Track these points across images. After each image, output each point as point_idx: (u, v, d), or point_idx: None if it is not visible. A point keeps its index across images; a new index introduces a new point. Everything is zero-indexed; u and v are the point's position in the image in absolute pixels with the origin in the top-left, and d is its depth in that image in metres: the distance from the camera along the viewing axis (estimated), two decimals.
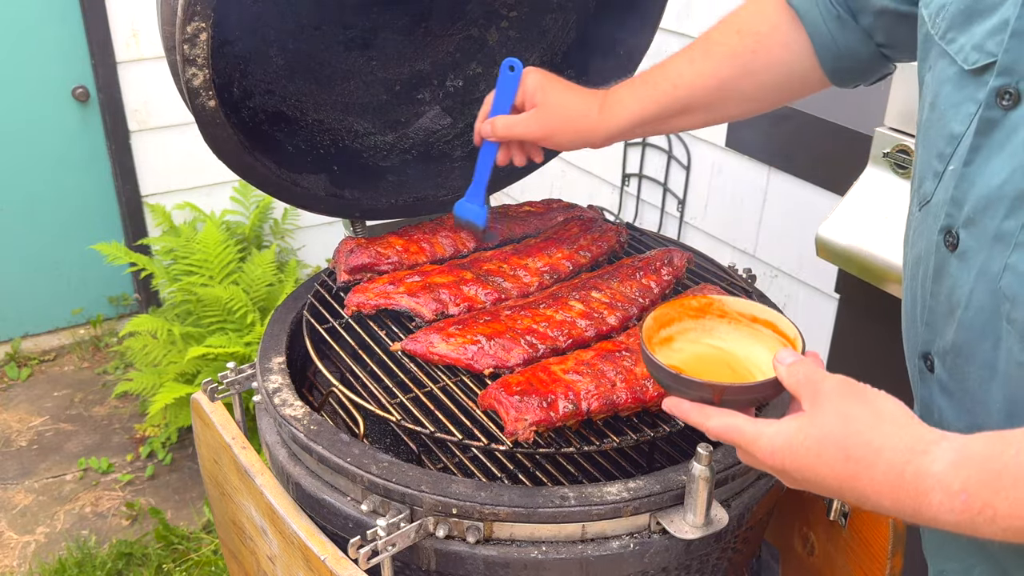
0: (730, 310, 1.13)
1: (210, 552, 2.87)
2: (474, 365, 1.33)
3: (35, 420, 3.55)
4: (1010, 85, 0.83)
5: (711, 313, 1.13)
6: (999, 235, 0.84)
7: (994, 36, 0.85)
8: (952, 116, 0.91)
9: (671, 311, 1.12)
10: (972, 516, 0.75)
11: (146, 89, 3.62)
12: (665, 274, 1.56)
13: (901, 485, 0.79)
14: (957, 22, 0.91)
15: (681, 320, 1.13)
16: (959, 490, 0.76)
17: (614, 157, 3.21)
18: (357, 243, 1.60)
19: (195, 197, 3.80)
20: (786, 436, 0.87)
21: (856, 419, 0.84)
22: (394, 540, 1.12)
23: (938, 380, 0.97)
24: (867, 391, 0.87)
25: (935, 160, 0.94)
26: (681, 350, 1.10)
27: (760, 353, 1.08)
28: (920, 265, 0.99)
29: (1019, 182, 0.82)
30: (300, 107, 1.67)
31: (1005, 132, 0.84)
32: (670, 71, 1.35)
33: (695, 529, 1.14)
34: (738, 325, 1.12)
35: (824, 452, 0.84)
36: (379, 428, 1.54)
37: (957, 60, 0.90)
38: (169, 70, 1.40)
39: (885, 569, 1.36)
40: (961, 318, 0.90)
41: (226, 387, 1.45)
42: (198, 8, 1.21)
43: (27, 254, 3.76)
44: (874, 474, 0.81)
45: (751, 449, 0.91)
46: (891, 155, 1.66)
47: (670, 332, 1.12)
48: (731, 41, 1.31)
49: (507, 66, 1.44)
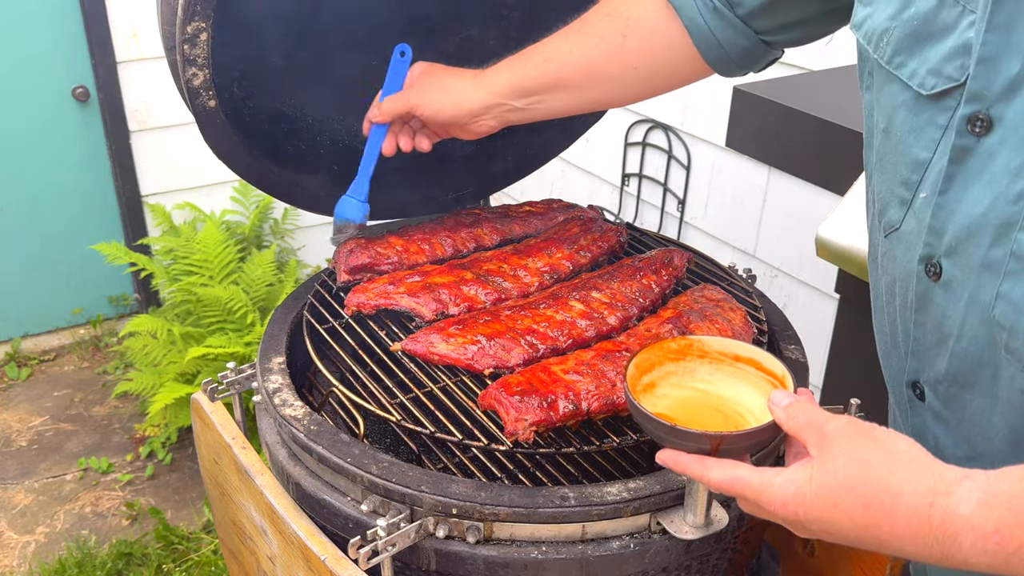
0: (710, 350, 1.08)
1: (210, 552, 2.87)
2: (474, 365, 1.32)
3: (35, 420, 3.55)
4: (980, 112, 0.81)
5: (691, 354, 1.08)
6: (987, 264, 0.82)
7: (952, 60, 0.83)
8: (913, 142, 0.89)
9: (651, 356, 1.07)
10: (1006, 557, 0.73)
11: (146, 89, 3.62)
12: (665, 274, 1.56)
13: (928, 530, 0.76)
14: (904, 46, 0.88)
15: (662, 364, 1.08)
16: (992, 531, 0.73)
17: (614, 157, 3.21)
18: (357, 243, 1.60)
19: (195, 197, 3.80)
20: (797, 485, 0.83)
21: (870, 463, 0.80)
22: (394, 540, 1.12)
23: (931, 408, 0.96)
24: (876, 431, 0.83)
25: (899, 187, 0.92)
26: (666, 395, 1.05)
27: (747, 393, 1.04)
28: (896, 293, 0.97)
29: (1003, 210, 0.80)
30: (300, 107, 1.67)
31: (981, 159, 0.82)
32: (545, 47, 1.35)
33: (695, 529, 1.13)
34: (720, 365, 1.07)
35: (840, 501, 0.80)
36: (379, 428, 1.54)
37: (911, 85, 0.88)
38: (169, 70, 1.40)
39: (885, 569, 1.36)
40: (954, 348, 0.89)
41: (226, 387, 1.45)
42: (198, 8, 1.21)
43: (27, 254, 3.76)
44: (895, 521, 0.78)
45: (760, 501, 0.86)
46: None
47: (652, 378, 1.07)
48: (602, 23, 1.30)
49: (398, 51, 1.48)
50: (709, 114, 2.88)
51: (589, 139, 3.26)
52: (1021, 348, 0.80)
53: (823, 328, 2.45)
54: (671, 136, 2.99)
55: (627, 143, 3.17)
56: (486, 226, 1.72)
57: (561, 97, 1.36)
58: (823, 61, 2.47)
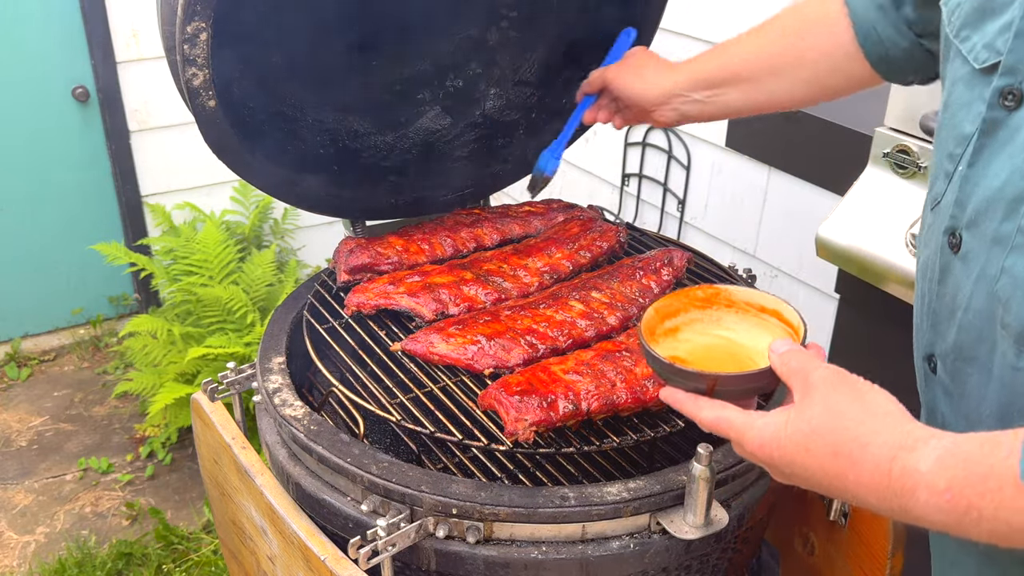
0: (737, 300, 1.12)
1: (210, 552, 2.87)
2: (474, 365, 1.32)
3: (35, 420, 3.55)
4: (1013, 86, 0.82)
5: (718, 303, 1.13)
6: (997, 238, 0.84)
7: (1002, 34, 0.85)
8: (963, 116, 0.91)
9: (675, 302, 1.12)
10: (958, 517, 0.74)
11: (146, 89, 3.62)
12: (665, 274, 1.56)
13: (887, 483, 0.78)
14: (971, 20, 0.90)
15: (687, 311, 1.12)
16: (944, 489, 0.74)
17: (614, 157, 3.21)
18: (357, 243, 1.60)
19: (195, 197, 3.80)
20: (774, 428, 0.86)
21: (844, 414, 0.83)
22: (394, 540, 1.12)
23: (940, 382, 0.97)
24: (858, 384, 0.86)
25: (946, 161, 0.94)
26: (688, 340, 1.10)
27: (767, 343, 1.08)
28: (928, 266, 0.99)
29: (1017, 184, 0.81)
30: (300, 107, 1.67)
31: (1007, 133, 0.83)
32: (727, 43, 1.42)
33: (695, 529, 1.13)
34: (745, 315, 1.11)
35: (812, 446, 0.83)
36: (379, 428, 1.54)
37: (969, 59, 0.90)
38: (169, 70, 1.40)
39: (885, 569, 1.36)
40: (961, 321, 0.90)
41: (226, 387, 1.45)
42: (198, 8, 1.21)
43: (27, 254, 3.76)
44: (860, 471, 0.80)
45: (741, 441, 0.90)
46: (891, 155, 1.66)
47: (676, 323, 1.11)
48: (783, 21, 1.36)
49: (625, 33, 1.63)
50: None
51: (589, 139, 3.25)
52: (1013, 323, 0.82)
53: (823, 328, 2.45)
54: (671, 136, 2.99)
55: (627, 143, 3.17)
56: (486, 226, 1.72)
57: (737, 92, 1.39)
58: None
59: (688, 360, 1.01)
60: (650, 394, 1.26)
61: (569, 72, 1.81)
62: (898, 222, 1.61)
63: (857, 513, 1.40)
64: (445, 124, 1.82)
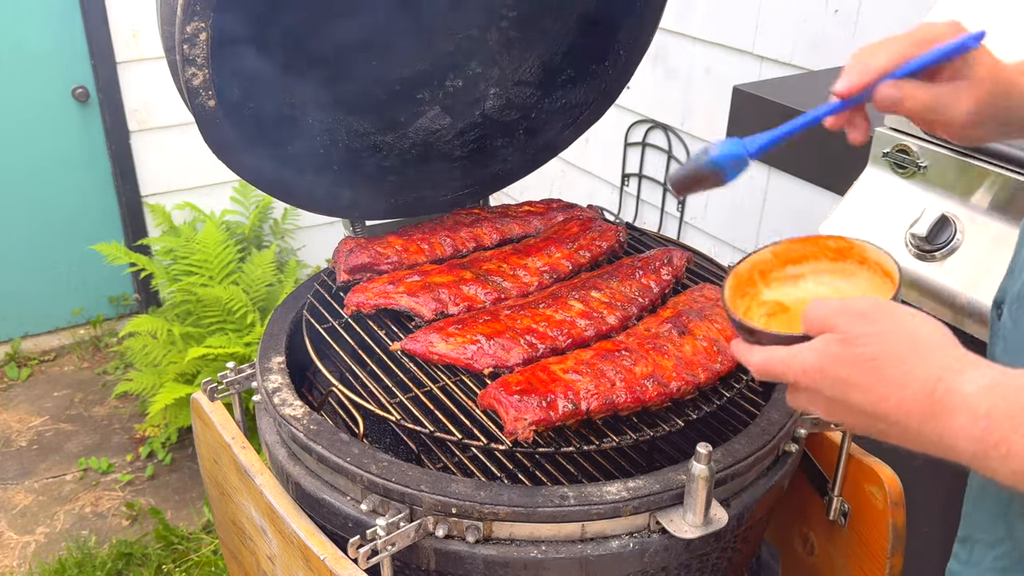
0: (870, 258, 1.05)
1: (210, 552, 2.87)
2: (474, 365, 1.33)
3: (35, 420, 3.55)
4: None
5: (851, 258, 1.06)
6: None
7: None
8: None
9: (804, 248, 1.07)
10: (987, 448, 0.72)
11: (146, 89, 3.62)
12: (665, 274, 1.56)
13: (929, 404, 0.76)
14: None
15: (818, 260, 1.07)
16: (983, 415, 0.72)
17: (614, 157, 3.21)
18: (357, 243, 1.60)
19: (195, 197, 3.80)
20: (819, 353, 0.83)
21: (892, 338, 0.80)
22: (394, 539, 1.12)
23: (1003, 328, 0.97)
24: (903, 310, 0.82)
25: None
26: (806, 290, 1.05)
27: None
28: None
29: None
30: (300, 107, 1.67)
31: None
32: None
33: (695, 528, 1.13)
34: (873, 275, 1.04)
35: (855, 370, 0.80)
36: (379, 428, 1.54)
37: None
38: (169, 70, 1.40)
39: (885, 569, 1.36)
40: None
41: (226, 387, 1.45)
42: (198, 8, 1.21)
43: (27, 254, 3.76)
44: (904, 393, 0.77)
45: (787, 372, 0.86)
46: (891, 155, 1.66)
47: (801, 270, 1.07)
48: None
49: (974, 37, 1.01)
50: (709, 114, 2.88)
51: (589, 139, 3.25)
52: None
53: None
54: (671, 136, 2.99)
55: (627, 143, 3.17)
56: (486, 226, 1.72)
57: None
58: (823, 61, 2.47)
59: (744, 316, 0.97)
60: (649, 394, 1.26)
61: (569, 72, 1.81)
62: (898, 222, 1.61)
63: (857, 513, 1.40)
64: (445, 124, 1.82)
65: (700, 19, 2.83)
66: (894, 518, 1.33)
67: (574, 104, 1.81)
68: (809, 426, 1.36)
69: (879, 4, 2.32)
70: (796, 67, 2.54)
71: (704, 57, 2.86)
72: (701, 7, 2.82)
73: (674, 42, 2.94)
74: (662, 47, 2.99)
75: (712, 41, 2.82)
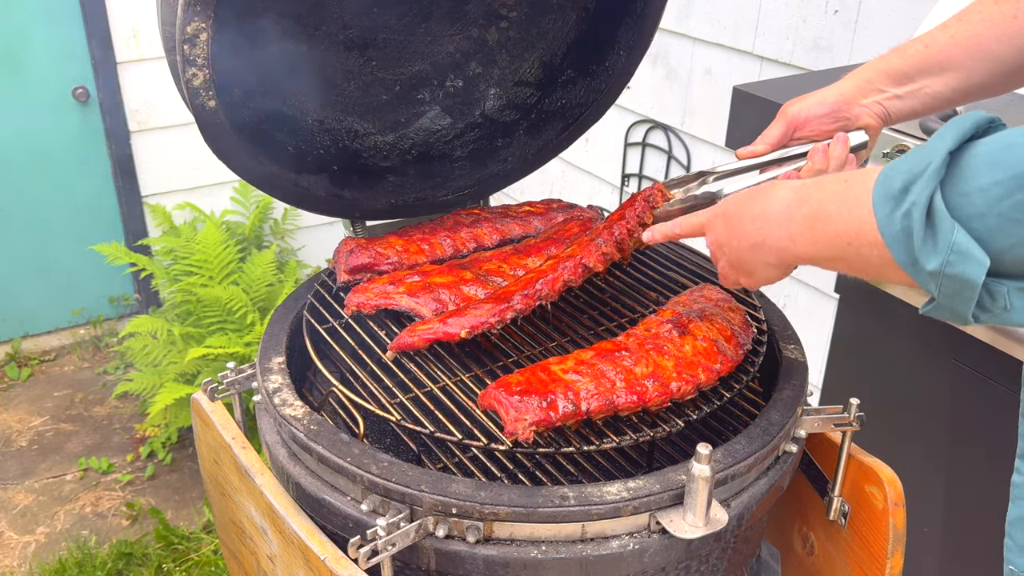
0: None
1: (210, 552, 2.87)
2: (449, 331, 1.37)
3: (35, 420, 3.55)
4: None
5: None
6: None
7: None
8: None
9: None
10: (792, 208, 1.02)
11: (146, 89, 3.63)
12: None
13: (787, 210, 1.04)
14: None
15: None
16: (799, 184, 1.03)
17: (614, 157, 3.22)
18: (357, 243, 1.60)
19: (195, 197, 3.80)
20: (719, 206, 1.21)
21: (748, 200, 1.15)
22: (394, 540, 1.12)
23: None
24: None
25: None
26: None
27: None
28: None
29: None
30: (300, 107, 1.67)
31: None
32: (923, 37, 1.33)
33: (695, 529, 1.14)
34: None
35: (741, 212, 1.13)
36: (379, 428, 1.54)
37: None
38: (169, 70, 1.40)
39: (885, 569, 1.36)
40: None
41: (226, 387, 1.45)
42: (198, 8, 1.21)
43: (27, 254, 3.77)
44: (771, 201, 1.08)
45: (703, 222, 1.24)
46: (891, 155, 1.66)
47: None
48: (988, 8, 1.29)
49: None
50: (709, 114, 2.88)
51: (589, 139, 3.25)
52: None
53: (823, 328, 2.45)
54: (671, 136, 2.99)
55: (627, 143, 3.17)
56: (486, 226, 1.72)
57: (943, 81, 1.32)
58: (823, 61, 2.47)
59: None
60: (650, 394, 1.26)
61: (569, 72, 1.81)
62: None
63: (857, 513, 1.40)
64: (445, 124, 1.83)
65: (700, 19, 2.84)
66: (894, 518, 1.33)
67: (574, 104, 1.81)
68: (809, 426, 1.36)
69: (879, 4, 2.32)
70: (796, 67, 2.54)
71: (704, 57, 2.86)
72: (701, 7, 2.82)
73: (674, 42, 2.95)
74: (662, 47, 2.99)
75: (712, 41, 2.82)
